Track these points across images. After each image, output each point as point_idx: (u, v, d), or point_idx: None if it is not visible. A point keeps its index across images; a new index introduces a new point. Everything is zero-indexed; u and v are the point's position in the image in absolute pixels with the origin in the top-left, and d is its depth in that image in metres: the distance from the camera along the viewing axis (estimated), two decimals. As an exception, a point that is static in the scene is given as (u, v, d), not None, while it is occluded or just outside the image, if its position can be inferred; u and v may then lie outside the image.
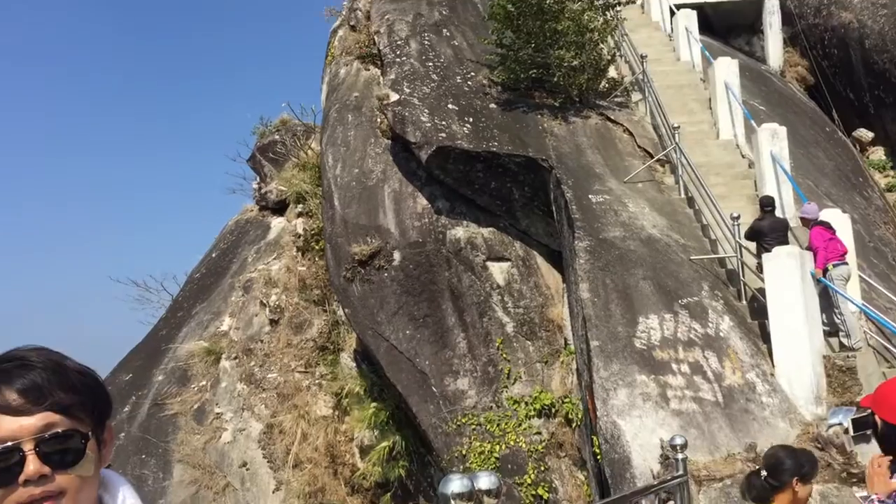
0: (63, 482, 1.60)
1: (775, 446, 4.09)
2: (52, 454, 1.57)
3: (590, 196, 9.59)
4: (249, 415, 11.34)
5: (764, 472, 3.65)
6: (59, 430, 1.59)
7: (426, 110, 11.10)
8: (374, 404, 10.61)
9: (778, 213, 8.85)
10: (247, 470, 10.72)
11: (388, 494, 10.26)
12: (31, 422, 1.57)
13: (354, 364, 11.50)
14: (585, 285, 8.19)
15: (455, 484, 2.81)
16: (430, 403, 9.87)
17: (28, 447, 1.56)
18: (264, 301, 12.67)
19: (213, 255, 14.98)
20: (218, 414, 11.41)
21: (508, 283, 10.69)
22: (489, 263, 10.85)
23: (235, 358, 12.00)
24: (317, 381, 11.57)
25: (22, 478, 1.55)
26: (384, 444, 10.26)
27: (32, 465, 1.55)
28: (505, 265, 10.86)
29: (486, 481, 2.91)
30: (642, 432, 6.72)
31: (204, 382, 11.65)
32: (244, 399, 11.52)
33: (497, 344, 10.21)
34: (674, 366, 7.27)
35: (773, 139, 9.73)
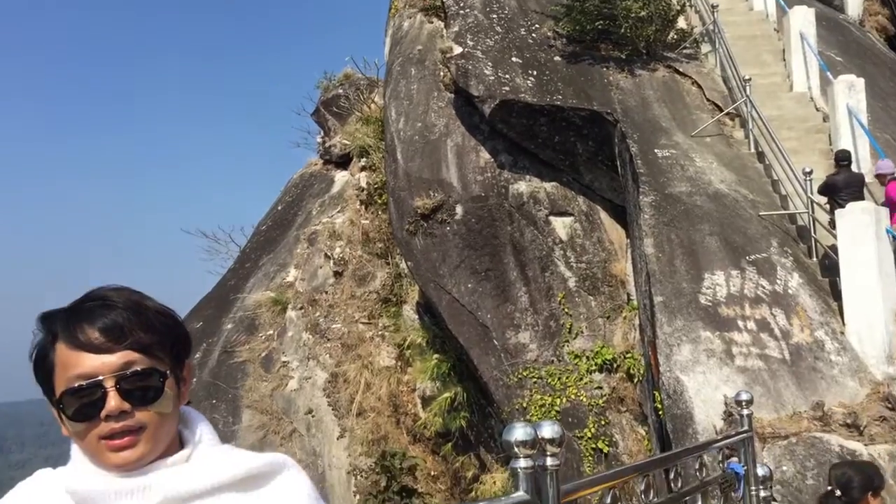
0: (142, 418, 1.67)
1: (842, 464, 4.17)
2: (132, 391, 1.65)
3: (656, 150, 9.43)
4: (315, 364, 11.62)
5: (837, 492, 3.77)
6: (139, 369, 1.66)
7: (489, 63, 11.00)
8: (435, 356, 10.75)
9: (853, 168, 8.57)
10: (312, 417, 11.03)
11: (449, 444, 10.43)
12: (112, 360, 1.64)
13: (416, 316, 11.64)
14: (650, 240, 8.11)
15: (519, 431, 2.86)
16: (491, 356, 9.96)
17: (109, 384, 1.63)
18: (328, 253, 12.88)
19: (279, 208, 15.24)
20: (284, 362, 11.72)
21: (571, 237, 10.63)
22: (552, 218, 10.80)
23: (301, 308, 12.27)
24: (380, 333, 11.76)
25: (103, 413, 1.62)
26: (445, 395, 10.40)
27: (113, 401, 1.63)
28: (568, 220, 10.79)
29: (549, 430, 2.95)
30: (705, 388, 6.68)
31: (271, 332, 11.96)
32: (309, 348, 11.80)
33: (559, 298, 10.21)
34: (739, 322, 7.18)
35: (850, 91, 9.38)
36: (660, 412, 7.25)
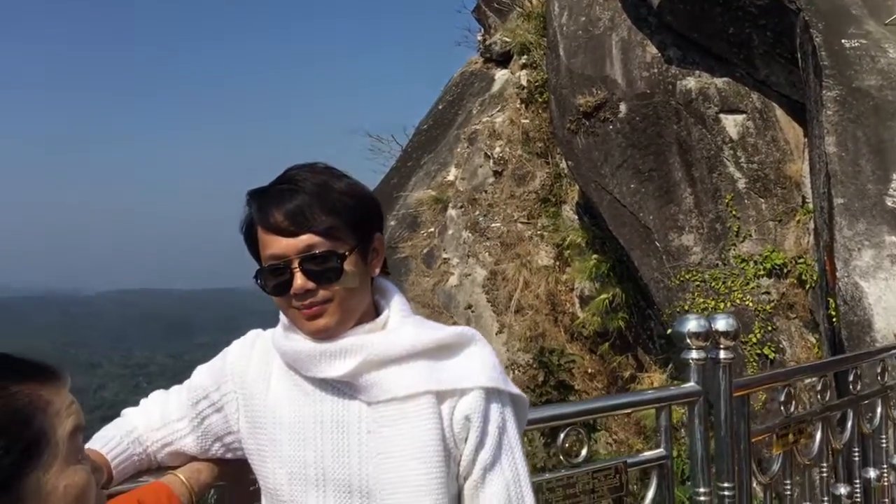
0: (327, 294, 1.85)
1: None
2: (314, 271, 1.82)
3: (842, 40, 8.66)
4: (474, 261, 11.88)
5: None
6: (318, 252, 1.82)
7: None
8: (594, 256, 10.70)
9: None
10: (472, 312, 11.36)
11: (607, 344, 10.48)
12: (296, 243, 1.82)
13: (576, 216, 11.58)
14: (832, 138, 7.57)
15: (692, 323, 2.85)
16: (652, 258, 9.80)
17: (294, 265, 1.82)
18: (488, 153, 12.93)
19: (440, 107, 15.37)
20: (445, 259, 12.06)
21: (742, 136, 10.11)
22: (722, 116, 10.27)
23: (461, 207, 12.49)
24: (538, 232, 11.81)
25: (291, 291, 1.81)
26: (604, 295, 10.39)
27: (298, 280, 1.81)
28: (739, 117, 10.24)
29: (724, 323, 2.92)
30: (887, 295, 6.30)
31: (432, 229, 12.28)
32: (469, 246, 12.05)
33: (726, 200, 9.82)
34: (930, 228, 6.66)
35: None
36: (834, 319, 6.93)
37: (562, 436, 2.55)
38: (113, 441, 2.00)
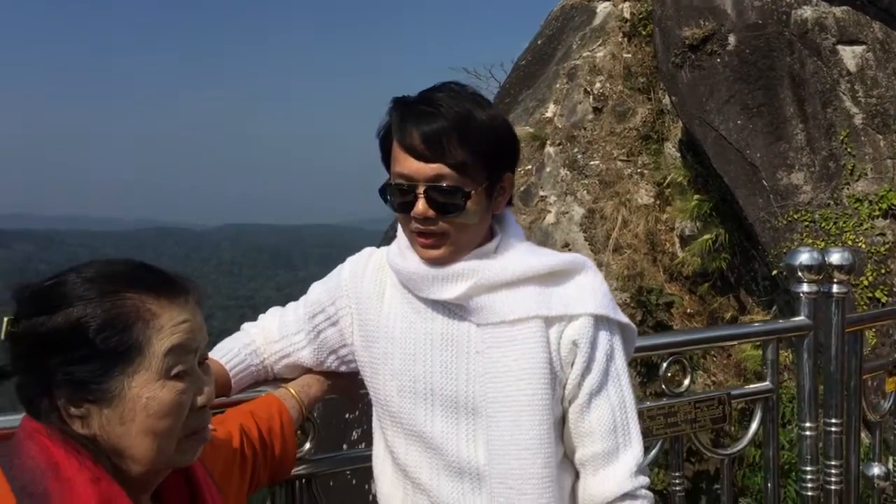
0: (445, 226, 1.88)
1: None
2: (438, 202, 1.83)
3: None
4: (572, 199, 11.75)
5: None
6: (445, 185, 1.83)
7: None
8: (696, 196, 10.43)
9: None
10: (569, 250, 11.28)
11: (707, 284, 10.27)
12: (426, 169, 1.84)
13: (678, 154, 11.26)
14: (962, 69, 7.08)
15: (804, 256, 2.76)
16: (758, 197, 9.47)
17: (420, 190, 1.84)
18: (588, 89, 12.65)
19: (538, 42, 15.06)
20: (542, 196, 11.96)
21: (861, 69, 9.56)
22: (839, 47, 9.72)
23: (559, 144, 12.31)
24: (638, 170, 11.56)
25: (412, 213, 1.83)
26: (706, 235, 10.15)
27: (420, 205, 1.84)
28: (858, 49, 9.67)
29: (838, 257, 2.82)
30: None
31: (529, 166, 12.17)
32: (567, 184, 11.91)
33: (841, 137, 9.35)
34: None
35: None
36: (954, 262, 6.58)
37: (664, 365, 2.54)
38: (231, 353, 2.12)
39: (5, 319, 1.39)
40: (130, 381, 1.36)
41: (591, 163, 12.62)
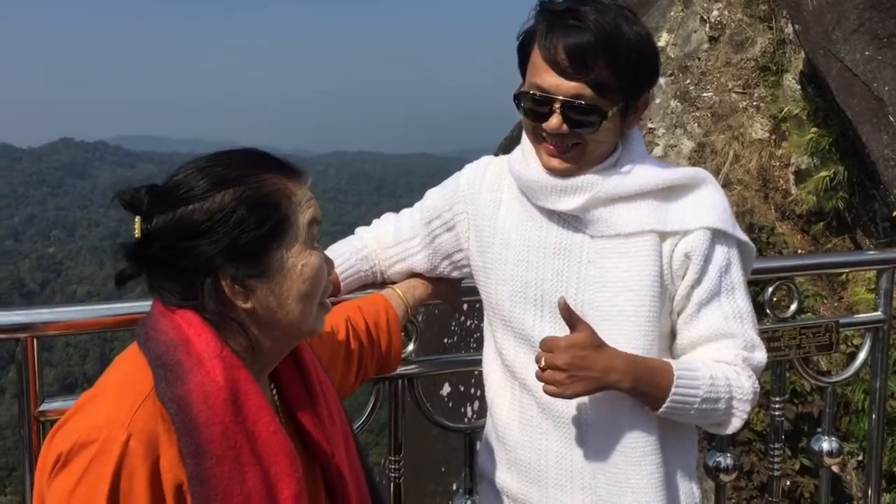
0: (576, 140, 1.86)
1: None
2: (573, 119, 1.83)
3: None
4: (681, 132, 11.41)
5: None
6: (583, 103, 1.81)
7: None
8: (814, 129, 9.95)
9: None
10: (676, 184, 11.01)
11: (822, 224, 9.87)
12: (567, 86, 1.83)
13: (799, 87, 10.73)
14: None
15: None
16: (883, 133, 8.96)
17: (556, 105, 1.83)
18: (704, 16, 12.12)
19: (654, -33, 14.47)
20: (651, 129, 11.66)
21: None
22: None
23: (671, 74, 11.91)
24: (754, 103, 11.09)
25: (545, 126, 1.84)
26: (824, 173, 9.70)
27: (554, 120, 1.84)
28: None
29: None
30: None
31: (639, 97, 11.88)
32: (677, 116, 11.56)
33: (981, 70, 8.69)
34: None
35: None
36: None
37: (770, 289, 2.50)
38: (342, 257, 2.21)
39: (137, 219, 1.46)
40: (287, 253, 1.48)
41: (704, 94, 12.16)
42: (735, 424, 1.86)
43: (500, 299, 1.97)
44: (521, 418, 1.96)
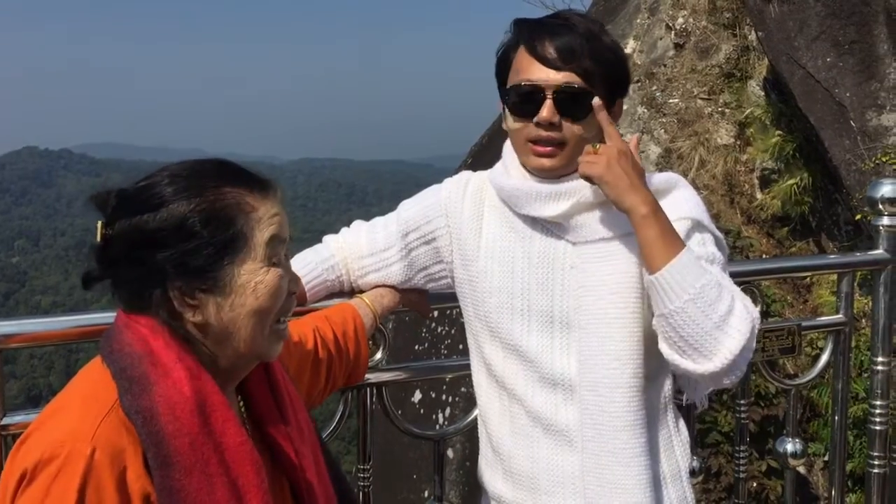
0: (566, 133, 1.90)
1: None
2: (566, 104, 1.85)
3: None
4: (648, 138, 11.52)
5: None
6: (576, 85, 1.84)
7: None
8: (778, 133, 10.11)
9: None
10: (643, 189, 11.11)
11: (786, 229, 10.02)
12: (557, 76, 1.87)
13: (762, 93, 10.90)
14: None
15: (887, 188, 2.70)
16: (845, 138, 9.14)
17: (548, 94, 1.85)
18: (670, 24, 12.27)
19: (620, -25, 14.63)
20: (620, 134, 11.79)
21: (965, 4, 9.02)
22: (942, -19, 9.18)
23: (637, 81, 12.02)
24: (719, 109, 11.24)
25: (536, 118, 1.87)
26: (791, 180, 9.86)
27: (546, 110, 1.86)
28: (964, -17, 9.11)
29: (922, 189, 2.73)
30: None
31: (606, 104, 11.98)
32: (644, 122, 11.67)
33: (938, 77, 8.90)
34: None
35: None
36: None
37: (737, 291, 2.53)
38: (309, 266, 2.20)
39: (99, 223, 1.46)
40: (239, 269, 1.46)
41: (670, 101, 12.30)
42: (729, 345, 1.72)
43: (488, 311, 2.00)
44: (511, 428, 1.99)
